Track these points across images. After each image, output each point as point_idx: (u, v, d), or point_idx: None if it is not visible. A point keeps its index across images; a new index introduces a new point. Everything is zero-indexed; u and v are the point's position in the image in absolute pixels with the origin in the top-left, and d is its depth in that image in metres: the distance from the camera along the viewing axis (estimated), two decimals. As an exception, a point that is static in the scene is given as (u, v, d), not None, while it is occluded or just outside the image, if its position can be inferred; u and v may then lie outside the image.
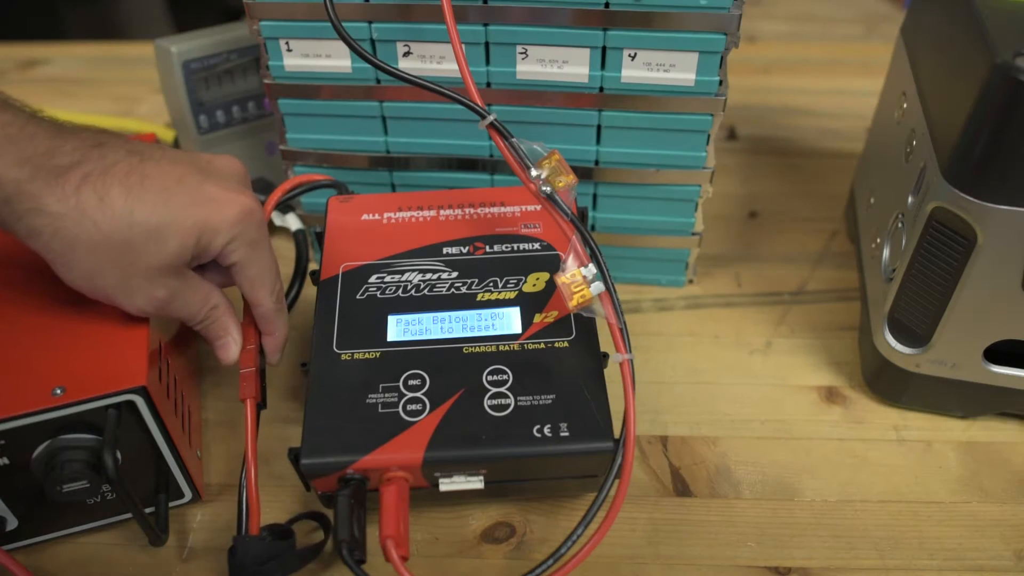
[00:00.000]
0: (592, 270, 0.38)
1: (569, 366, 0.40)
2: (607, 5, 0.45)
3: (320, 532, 0.41)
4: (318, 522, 0.41)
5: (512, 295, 0.43)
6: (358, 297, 0.43)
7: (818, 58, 0.93)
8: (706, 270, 0.60)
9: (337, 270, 0.45)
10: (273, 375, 0.50)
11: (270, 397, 0.44)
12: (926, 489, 0.45)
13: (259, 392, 0.42)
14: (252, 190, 0.41)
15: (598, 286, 0.38)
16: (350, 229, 0.47)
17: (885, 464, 0.46)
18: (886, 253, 0.48)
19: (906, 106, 0.50)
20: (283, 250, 0.60)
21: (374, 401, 0.39)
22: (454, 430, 0.38)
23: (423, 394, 0.39)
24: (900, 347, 0.46)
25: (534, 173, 0.40)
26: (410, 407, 0.39)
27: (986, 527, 0.43)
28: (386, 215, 0.48)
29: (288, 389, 0.50)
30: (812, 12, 1.21)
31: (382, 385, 0.39)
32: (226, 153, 0.60)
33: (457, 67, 0.42)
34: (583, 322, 0.42)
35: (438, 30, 0.47)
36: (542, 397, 0.39)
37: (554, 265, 0.44)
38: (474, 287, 0.44)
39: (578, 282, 0.38)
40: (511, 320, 0.42)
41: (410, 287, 0.44)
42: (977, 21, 0.38)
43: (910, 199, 0.44)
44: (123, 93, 0.86)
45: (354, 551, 0.36)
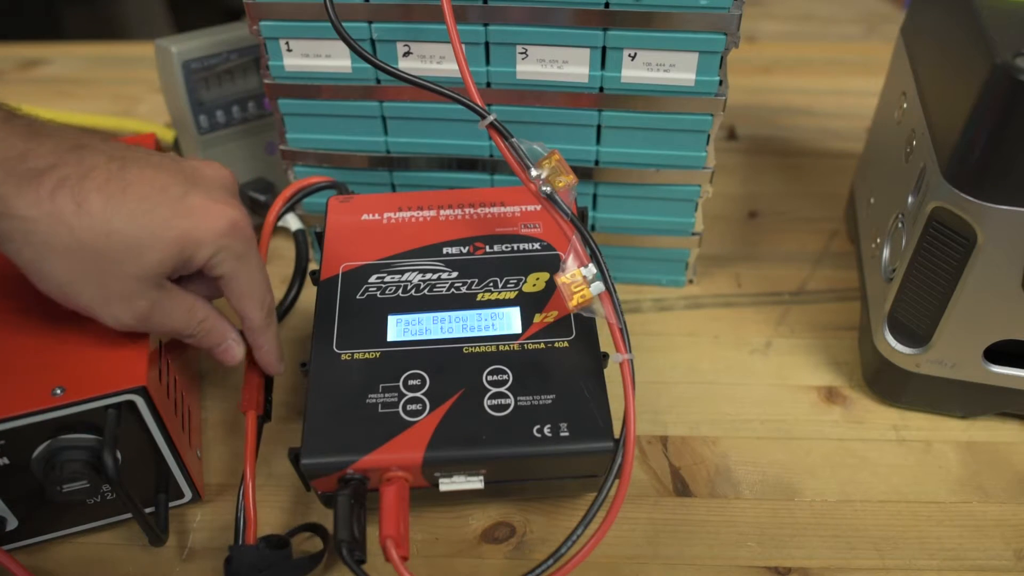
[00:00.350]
0: (592, 270, 0.38)
1: (569, 366, 0.40)
2: (607, 5, 0.45)
3: (319, 541, 0.41)
4: (316, 533, 0.41)
5: (512, 295, 0.43)
6: (358, 297, 0.43)
7: (818, 58, 0.93)
8: (706, 270, 0.60)
9: (337, 270, 0.45)
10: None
11: (270, 397, 0.45)
12: (926, 489, 0.45)
13: (262, 405, 0.42)
14: (239, 199, 0.39)
15: (598, 286, 0.38)
16: (350, 229, 0.47)
17: (885, 464, 0.46)
18: (886, 253, 0.48)
19: (906, 106, 0.50)
20: (283, 250, 0.60)
21: (374, 401, 0.39)
22: (454, 430, 0.38)
23: (423, 394, 0.39)
24: (900, 347, 0.46)
25: (534, 173, 0.40)
26: (410, 407, 0.39)
27: (986, 527, 0.43)
28: (386, 215, 0.48)
29: (288, 389, 0.50)
30: (812, 12, 1.21)
31: (382, 385, 0.39)
32: (226, 153, 0.60)
33: (457, 67, 0.42)
34: (583, 322, 0.42)
35: (438, 30, 0.47)
36: (542, 397, 0.39)
37: (554, 265, 0.44)
38: (474, 287, 0.44)
39: (578, 282, 0.38)
40: (511, 320, 0.42)
41: (410, 287, 0.44)
42: (977, 21, 0.38)
43: (910, 199, 0.44)
44: (123, 93, 0.86)
45: (354, 551, 0.36)
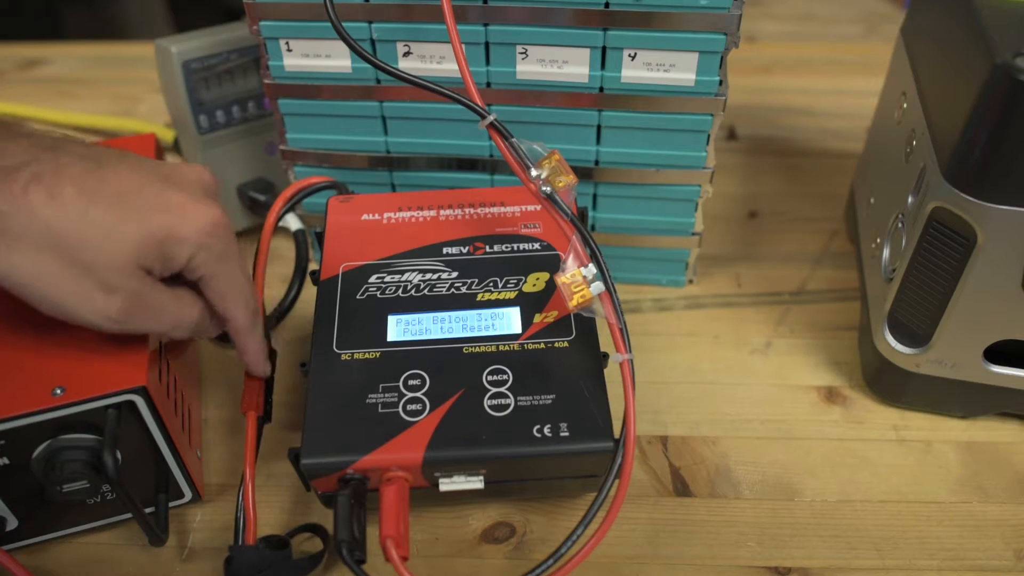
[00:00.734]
0: (592, 270, 0.38)
1: (569, 366, 0.40)
2: (607, 5, 0.45)
3: (319, 541, 0.41)
4: (316, 533, 0.41)
5: (512, 295, 0.43)
6: (358, 297, 0.43)
7: (818, 58, 0.93)
8: (706, 270, 0.60)
9: (337, 270, 0.45)
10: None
11: (270, 397, 0.45)
12: (926, 489, 0.45)
13: (262, 405, 0.42)
14: (220, 202, 0.38)
15: (598, 286, 0.38)
16: (350, 229, 0.47)
17: (885, 464, 0.46)
18: (886, 253, 0.48)
19: (906, 106, 0.50)
20: (283, 250, 0.60)
21: (374, 401, 0.39)
22: (454, 430, 0.38)
23: (423, 394, 0.39)
24: (900, 347, 0.46)
25: (534, 173, 0.40)
26: (410, 407, 0.39)
27: (986, 527, 0.43)
28: (386, 215, 0.48)
29: (288, 389, 0.50)
30: (812, 12, 1.21)
31: (382, 385, 0.39)
32: (226, 153, 0.60)
33: (457, 67, 0.42)
34: (583, 322, 0.42)
35: (438, 30, 0.47)
36: (542, 397, 0.39)
37: (554, 265, 0.44)
38: (474, 287, 0.44)
39: (578, 282, 0.38)
40: (511, 320, 0.42)
41: (410, 287, 0.44)
42: (977, 21, 0.38)
43: (910, 199, 0.44)
44: (123, 93, 0.86)
45: (354, 551, 0.36)
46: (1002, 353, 0.44)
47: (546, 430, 0.38)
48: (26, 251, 0.32)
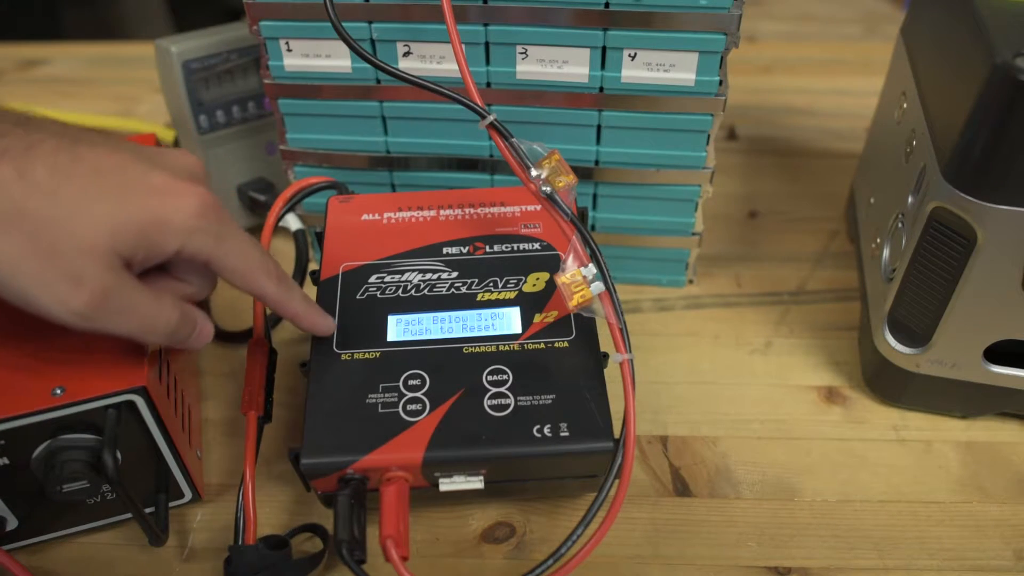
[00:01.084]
0: (592, 270, 0.38)
1: (569, 366, 0.40)
2: (607, 5, 0.45)
3: (319, 541, 0.41)
4: (316, 533, 0.41)
5: (512, 295, 0.43)
6: (358, 297, 0.43)
7: (818, 58, 0.93)
8: (706, 270, 0.60)
9: (337, 270, 0.45)
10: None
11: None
12: (926, 489, 0.45)
13: (262, 405, 0.42)
14: (208, 187, 0.35)
15: (598, 286, 0.38)
16: (350, 229, 0.47)
17: (885, 464, 0.46)
18: (886, 253, 0.48)
19: (906, 106, 0.50)
20: (283, 250, 0.60)
21: (374, 401, 0.39)
22: (454, 430, 0.38)
23: (423, 394, 0.39)
24: (900, 347, 0.46)
25: (534, 173, 0.40)
26: (410, 407, 0.39)
27: (986, 527, 0.43)
28: (386, 215, 0.48)
29: (288, 389, 0.50)
30: (812, 12, 1.21)
31: (382, 385, 0.39)
32: (226, 153, 0.60)
33: (457, 67, 0.42)
34: (583, 322, 0.42)
35: (438, 30, 0.47)
36: (542, 397, 0.39)
37: (554, 265, 0.44)
38: (474, 287, 0.44)
39: (578, 282, 0.38)
40: (511, 320, 0.42)
41: (410, 287, 0.44)
42: (977, 21, 0.38)
43: (910, 199, 0.44)
44: (123, 93, 0.86)
45: (354, 551, 0.35)
46: (1002, 353, 0.44)
47: (546, 430, 0.38)
48: None
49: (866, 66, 0.86)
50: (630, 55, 0.47)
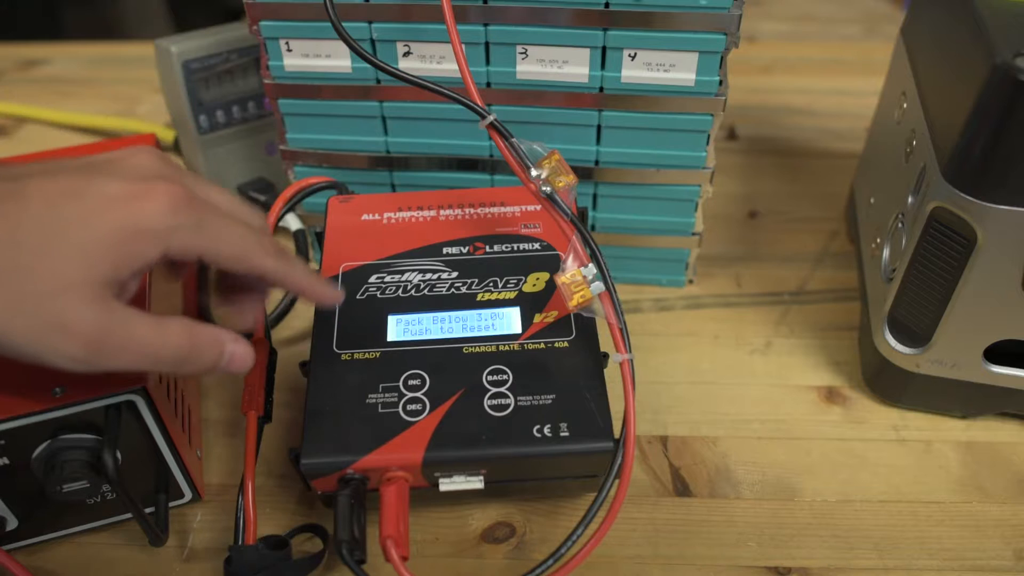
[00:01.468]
0: (592, 270, 0.38)
1: (569, 366, 0.40)
2: (607, 5, 0.45)
3: (319, 541, 0.41)
4: (316, 533, 0.41)
5: (512, 295, 0.43)
6: (358, 297, 0.43)
7: (818, 58, 0.93)
8: (706, 270, 0.60)
9: (337, 270, 0.45)
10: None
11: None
12: (926, 489, 0.45)
13: (262, 405, 0.42)
14: (171, 171, 0.33)
15: (598, 286, 0.38)
16: (350, 229, 0.47)
17: (885, 464, 0.46)
18: (886, 253, 0.48)
19: (906, 106, 0.50)
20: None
21: (374, 401, 0.39)
22: (454, 430, 0.38)
23: (423, 394, 0.39)
24: (900, 347, 0.46)
25: (534, 173, 0.40)
26: (410, 407, 0.39)
27: (986, 527, 0.43)
28: (386, 215, 0.48)
29: (288, 389, 0.50)
30: (812, 12, 1.21)
31: (382, 385, 0.39)
32: (226, 153, 0.60)
33: (457, 67, 0.42)
34: (583, 322, 0.42)
35: (438, 30, 0.47)
36: (542, 397, 0.39)
37: (554, 265, 0.44)
38: (474, 287, 0.44)
39: (578, 282, 0.38)
40: (511, 320, 0.42)
41: (410, 287, 0.44)
42: (977, 21, 0.38)
43: (910, 199, 0.44)
44: (123, 93, 0.86)
45: (354, 551, 0.36)
46: (1002, 353, 0.44)
47: (546, 430, 0.38)
48: None
49: (866, 66, 0.86)
50: (630, 55, 0.47)
